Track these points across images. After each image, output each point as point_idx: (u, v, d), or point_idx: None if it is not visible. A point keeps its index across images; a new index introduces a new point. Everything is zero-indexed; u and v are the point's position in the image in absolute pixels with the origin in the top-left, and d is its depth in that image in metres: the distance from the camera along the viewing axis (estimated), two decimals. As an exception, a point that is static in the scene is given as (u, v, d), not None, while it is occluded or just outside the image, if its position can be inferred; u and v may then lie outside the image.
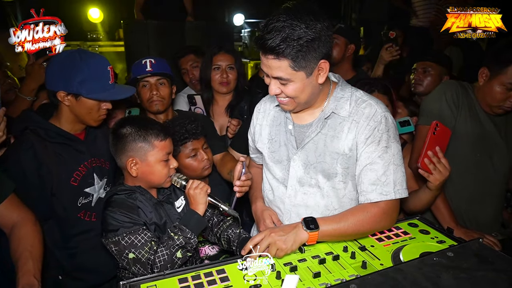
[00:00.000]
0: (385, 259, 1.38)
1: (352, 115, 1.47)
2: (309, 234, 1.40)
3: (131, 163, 1.60)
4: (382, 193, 1.44)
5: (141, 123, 1.63)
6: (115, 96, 1.78)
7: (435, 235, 1.55)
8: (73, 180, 1.78)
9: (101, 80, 1.71)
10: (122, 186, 1.65)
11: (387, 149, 1.44)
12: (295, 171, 1.56)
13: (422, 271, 1.02)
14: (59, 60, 1.70)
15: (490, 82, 1.93)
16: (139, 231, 1.52)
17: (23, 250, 1.45)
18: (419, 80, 2.81)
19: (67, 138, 1.78)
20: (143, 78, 2.15)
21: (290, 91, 1.39)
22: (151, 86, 2.15)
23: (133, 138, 1.58)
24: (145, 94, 2.16)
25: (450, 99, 1.99)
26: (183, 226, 1.54)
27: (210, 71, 2.57)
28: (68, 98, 1.70)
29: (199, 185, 1.62)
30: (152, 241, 1.51)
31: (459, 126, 1.99)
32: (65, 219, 1.79)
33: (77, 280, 1.86)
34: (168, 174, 1.66)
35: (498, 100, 1.92)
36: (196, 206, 1.60)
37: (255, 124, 1.74)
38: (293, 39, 1.27)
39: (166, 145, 1.64)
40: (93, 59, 1.72)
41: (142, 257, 1.47)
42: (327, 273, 1.30)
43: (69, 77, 1.66)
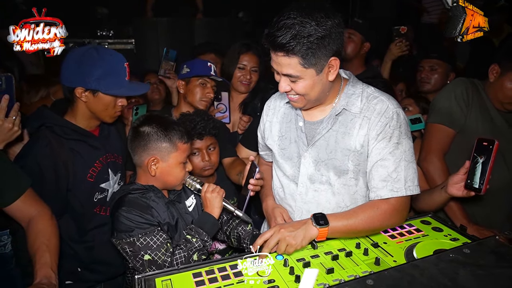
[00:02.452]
0: (398, 256, 1.38)
1: (363, 112, 1.47)
2: (319, 230, 1.40)
3: (152, 161, 1.60)
4: (393, 189, 1.44)
5: (166, 123, 1.64)
6: (133, 92, 1.82)
7: (448, 232, 1.55)
8: (89, 176, 1.79)
9: (118, 76, 1.73)
10: (135, 185, 1.65)
11: (398, 145, 1.44)
12: (306, 168, 1.56)
13: (438, 268, 1.02)
14: (76, 57, 1.71)
15: (501, 79, 1.92)
16: (154, 232, 1.52)
17: (40, 243, 1.47)
18: (427, 78, 2.80)
19: (82, 135, 1.79)
20: (203, 77, 2.30)
21: (300, 88, 1.39)
22: (208, 87, 2.32)
23: (158, 137, 1.59)
24: (202, 91, 2.31)
25: (460, 97, 1.98)
26: (200, 228, 1.56)
27: (234, 68, 2.59)
28: (85, 94, 1.71)
29: (215, 189, 1.63)
30: (168, 243, 1.52)
31: (469, 124, 1.98)
32: (81, 214, 1.81)
33: (95, 272, 1.89)
34: (184, 177, 1.67)
35: (510, 97, 1.91)
36: (211, 209, 1.61)
37: (265, 121, 1.74)
38: (303, 36, 1.27)
39: (188, 148, 1.66)
40: (110, 55, 1.74)
41: (159, 259, 1.48)
42: (340, 269, 1.30)
43: (87, 73, 1.67)
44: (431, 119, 2.08)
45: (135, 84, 1.86)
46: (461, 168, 1.62)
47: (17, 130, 1.67)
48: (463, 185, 1.62)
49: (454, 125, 2.01)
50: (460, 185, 1.63)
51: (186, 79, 2.34)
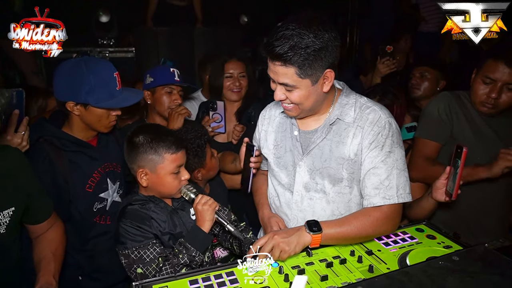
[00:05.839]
0: (391, 264, 1.40)
1: (357, 121, 1.50)
2: (312, 237, 1.42)
3: (141, 173, 1.61)
4: (385, 197, 1.47)
5: (155, 133, 1.62)
6: (123, 103, 1.78)
7: (442, 240, 1.57)
8: (88, 187, 1.80)
9: (108, 87, 1.72)
10: (136, 196, 1.67)
11: (390, 154, 1.47)
12: (301, 177, 1.58)
13: (427, 274, 1.04)
14: (65, 71, 1.70)
15: (474, 81, 1.98)
16: (148, 245, 1.53)
17: (48, 252, 1.51)
18: (417, 85, 2.86)
19: (81, 146, 1.79)
20: (168, 85, 2.27)
21: (295, 97, 1.42)
22: (175, 94, 2.28)
23: (144, 149, 1.59)
24: (169, 99, 2.28)
25: (442, 111, 2.04)
26: (188, 244, 1.55)
27: (222, 79, 2.58)
28: (77, 108, 1.71)
29: (208, 201, 1.60)
30: (159, 258, 1.53)
31: (456, 135, 2.03)
32: (81, 223, 1.82)
33: (95, 280, 1.90)
34: (179, 186, 1.65)
35: (479, 96, 1.95)
36: (202, 222, 1.59)
37: (260, 130, 1.77)
38: (301, 47, 1.30)
39: (178, 158, 1.62)
40: (99, 66, 1.73)
41: (150, 273, 1.49)
42: (334, 277, 1.32)
43: (76, 88, 1.67)
44: (417, 133, 2.17)
45: (127, 92, 1.82)
46: (443, 173, 1.66)
47: (26, 145, 1.66)
48: (444, 190, 1.67)
49: (439, 138, 2.07)
50: (443, 190, 1.67)
51: (151, 89, 2.30)
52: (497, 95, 1.88)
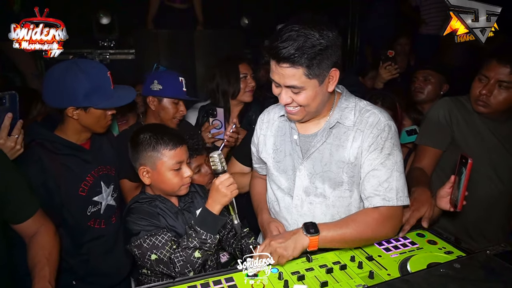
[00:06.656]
0: (392, 269, 1.39)
1: (356, 125, 1.50)
2: (310, 239, 1.41)
3: (143, 171, 1.62)
4: (385, 198, 1.46)
5: (156, 131, 1.62)
6: (121, 102, 1.79)
7: (443, 245, 1.56)
8: (81, 191, 1.79)
9: (104, 87, 1.72)
10: (143, 195, 1.68)
11: (390, 156, 1.47)
12: (301, 181, 1.57)
13: (428, 282, 1.03)
14: (58, 76, 1.67)
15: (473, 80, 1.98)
16: (159, 232, 1.53)
17: (41, 257, 1.48)
18: (420, 88, 2.85)
19: (73, 149, 1.78)
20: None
21: (302, 99, 1.41)
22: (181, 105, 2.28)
23: (144, 147, 1.59)
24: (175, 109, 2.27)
25: (443, 118, 2.04)
26: (198, 227, 1.50)
27: (239, 81, 2.57)
28: (77, 112, 1.71)
29: (231, 185, 1.51)
30: (172, 241, 1.53)
31: (458, 141, 2.02)
32: (75, 228, 1.81)
33: (90, 284, 1.89)
34: (181, 183, 1.63)
35: (473, 94, 1.94)
36: (213, 203, 1.51)
37: (259, 135, 1.75)
38: (307, 47, 1.30)
39: (177, 154, 1.61)
40: (92, 68, 1.72)
41: (164, 256, 1.49)
42: (335, 283, 1.31)
43: (73, 93, 1.66)
44: (417, 140, 2.16)
45: (121, 90, 1.83)
46: (447, 182, 1.64)
47: (20, 148, 1.64)
48: (449, 199, 1.64)
49: (439, 145, 2.06)
50: (447, 199, 1.65)
51: (158, 96, 2.25)
52: (488, 92, 1.88)
